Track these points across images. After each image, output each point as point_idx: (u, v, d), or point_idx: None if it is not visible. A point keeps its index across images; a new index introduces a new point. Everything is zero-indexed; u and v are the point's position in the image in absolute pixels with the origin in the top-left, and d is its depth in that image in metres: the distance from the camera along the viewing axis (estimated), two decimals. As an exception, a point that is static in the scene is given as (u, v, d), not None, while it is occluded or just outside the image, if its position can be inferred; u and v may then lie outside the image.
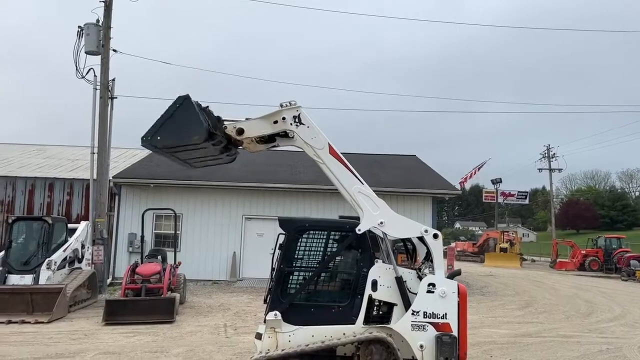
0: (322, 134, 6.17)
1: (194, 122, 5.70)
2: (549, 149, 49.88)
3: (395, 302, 6.08)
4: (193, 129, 5.71)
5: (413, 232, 6.15)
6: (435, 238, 6.10)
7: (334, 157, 6.16)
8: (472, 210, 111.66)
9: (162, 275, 11.79)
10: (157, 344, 8.80)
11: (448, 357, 5.75)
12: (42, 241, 12.56)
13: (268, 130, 6.13)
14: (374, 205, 6.08)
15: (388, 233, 6.11)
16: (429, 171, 22.89)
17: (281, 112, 6.09)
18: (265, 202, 19.12)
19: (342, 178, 6.14)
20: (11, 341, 8.83)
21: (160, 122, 5.78)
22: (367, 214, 6.02)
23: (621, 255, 30.53)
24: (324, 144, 6.15)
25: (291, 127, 6.09)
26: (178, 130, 5.70)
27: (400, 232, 6.18)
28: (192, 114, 5.72)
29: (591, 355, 8.80)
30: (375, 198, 6.12)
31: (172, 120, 5.73)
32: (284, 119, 6.07)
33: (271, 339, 5.93)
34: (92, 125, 16.35)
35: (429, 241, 6.09)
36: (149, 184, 18.62)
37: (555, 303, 15.75)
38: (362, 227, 6.00)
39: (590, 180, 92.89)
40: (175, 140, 5.77)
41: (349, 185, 6.12)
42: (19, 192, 19.41)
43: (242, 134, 6.08)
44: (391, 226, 6.07)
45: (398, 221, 6.16)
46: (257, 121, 6.13)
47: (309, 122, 6.15)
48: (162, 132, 5.72)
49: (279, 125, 6.10)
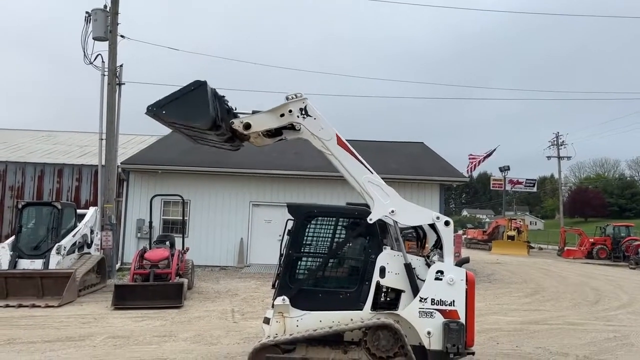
0: (330, 125, 6.14)
1: (201, 108, 5.70)
2: (558, 136, 49.59)
3: (403, 288, 6.10)
4: (198, 114, 5.72)
5: (424, 219, 6.16)
6: (447, 225, 6.11)
7: (342, 147, 6.14)
8: (479, 198, 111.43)
9: (170, 260, 11.87)
10: (166, 328, 8.89)
11: (455, 343, 5.77)
12: (52, 226, 12.66)
13: (275, 124, 6.12)
14: (384, 194, 6.08)
15: (399, 221, 6.12)
16: (437, 158, 22.80)
17: (287, 104, 6.08)
18: (273, 189, 19.14)
19: (351, 168, 6.14)
20: (22, 324, 8.95)
21: (170, 97, 5.80)
22: (378, 203, 6.02)
23: (629, 243, 30.40)
24: (331, 135, 6.13)
25: (298, 119, 6.08)
26: (184, 111, 5.72)
27: (412, 219, 6.19)
28: (202, 101, 5.71)
29: (598, 342, 8.79)
30: (385, 187, 6.12)
31: (182, 100, 5.75)
32: (291, 111, 6.06)
33: (279, 324, 5.98)
34: (100, 112, 16.38)
35: (440, 228, 6.09)
36: (157, 170, 18.68)
37: (563, 291, 15.73)
38: (374, 217, 6.01)
39: (599, 168, 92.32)
40: (178, 119, 5.79)
41: (358, 175, 6.11)
42: (29, 177, 19.54)
43: (249, 129, 6.08)
44: (402, 214, 6.07)
45: (409, 209, 6.16)
46: (264, 115, 6.11)
47: (316, 113, 6.13)
48: (168, 107, 5.75)
49: (285, 118, 6.09)
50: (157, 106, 5.76)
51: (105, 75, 16.28)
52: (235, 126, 6.07)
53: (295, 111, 6.07)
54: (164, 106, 5.77)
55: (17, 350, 7.21)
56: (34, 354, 6.98)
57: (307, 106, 6.11)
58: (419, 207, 6.29)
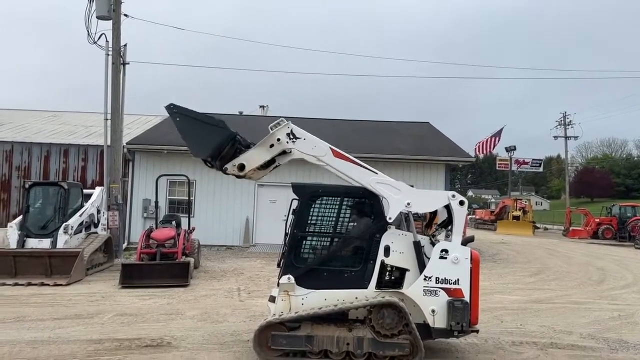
0: (320, 140, 6.16)
1: (205, 144, 5.89)
2: (565, 116, 49.12)
3: (408, 267, 6.13)
4: (197, 146, 5.93)
5: (440, 201, 6.17)
6: (462, 205, 6.13)
7: (339, 158, 6.15)
8: (485, 178, 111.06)
9: (176, 240, 11.95)
10: (172, 306, 8.99)
11: (459, 321, 5.82)
12: (59, 206, 12.74)
13: (267, 156, 6.16)
14: (395, 190, 6.10)
15: (418, 211, 6.17)
16: (443, 138, 22.68)
17: (274, 134, 6.10)
18: (279, 169, 19.02)
19: (355, 175, 6.15)
20: (31, 302, 9.07)
21: (193, 114, 5.97)
22: (392, 200, 6.04)
23: (635, 223, 30.29)
24: (325, 150, 6.15)
25: (288, 145, 6.11)
26: (190, 133, 5.88)
27: (429, 206, 6.22)
28: (212, 141, 5.86)
29: (602, 321, 8.83)
30: (394, 182, 6.14)
31: (199, 125, 5.90)
32: (279, 140, 6.09)
33: (284, 302, 6.04)
34: (105, 92, 16.34)
35: (454, 207, 6.10)
36: (162, 150, 18.69)
37: (567, 270, 15.75)
38: (392, 214, 6.03)
39: (607, 148, 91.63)
40: (181, 133, 5.94)
41: (363, 179, 6.13)
42: (35, 158, 19.63)
43: (244, 169, 6.13)
44: (419, 203, 6.11)
45: (423, 196, 6.20)
46: (254, 151, 6.15)
47: (303, 133, 6.16)
48: (183, 119, 5.91)
49: (276, 147, 6.12)
50: (178, 110, 5.93)
51: (110, 54, 16.20)
52: (229, 171, 6.14)
53: (284, 138, 6.10)
54: (182, 115, 5.92)
55: (27, 327, 7.32)
56: (44, 331, 7.08)
57: (293, 129, 6.14)
58: (431, 191, 6.31)
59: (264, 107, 35.08)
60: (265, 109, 34.87)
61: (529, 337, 7.45)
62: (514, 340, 7.26)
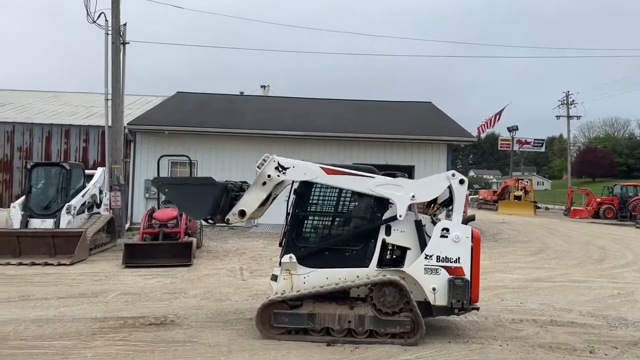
0: (309, 164, 6.19)
1: (200, 205, 5.97)
2: (568, 95, 48.82)
3: (409, 246, 6.17)
4: (194, 209, 6.06)
5: (442, 184, 6.17)
6: (462, 184, 6.13)
7: (333, 174, 6.14)
8: (486, 158, 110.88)
9: (178, 220, 11.99)
10: (175, 285, 9.06)
11: (460, 299, 5.87)
12: (61, 186, 12.77)
13: (263, 195, 6.20)
14: (396, 187, 6.10)
15: (423, 200, 6.20)
16: (445, 118, 22.59)
17: (263, 172, 6.14)
18: (280, 150, 18.96)
19: (353, 185, 6.17)
20: (35, 282, 9.16)
21: (179, 180, 6.22)
22: (396, 198, 6.06)
23: (636, 203, 30.34)
24: (317, 172, 6.14)
25: (280, 177, 6.14)
26: (183, 199, 6.02)
27: (433, 192, 6.22)
28: (206, 200, 5.94)
29: (602, 299, 8.90)
30: (393, 180, 6.15)
31: (188, 189, 6.02)
32: (269, 176, 6.12)
33: (286, 281, 6.09)
34: (105, 72, 16.25)
35: (455, 186, 6.11)
36: (163, 130, 18.67)
37: (568, 250, 15.82)
38: (401, 212, 6.04)
39: (609, 128, 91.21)
40: (175, 203, 6.05)
41: (362, 186, 6.13)
42: (36, 138, 19.64)
43: (245, 215, 6.18)
44: (423, 193, 6.13)
45: (425, 185, 6.21)
46: (250, 194, 6.19)
47: (291, 162, 6.19)
48: (172, 188, 6.06)
49: (268, 184, 6.16)
50: (164, 183, 6.05)
51: (109, 34, 16.08)
52: (232, 222, 6.21)
53: (273, 173, 6.13)
54: (169, 185, 6.06)
55: (32, 305, 7.40)
56: (49, 310, 7.16)
57: (279, 162, 6.17)
58: (431, 177, 6.31)
59: (265, 87, 34.93)
60: (266, 89, 34.74)
61: (529, 315, 7.52)
62: (513, 317, 7.32)
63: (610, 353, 5.88)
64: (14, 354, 5.30)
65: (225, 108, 22.37)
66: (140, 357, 5.26)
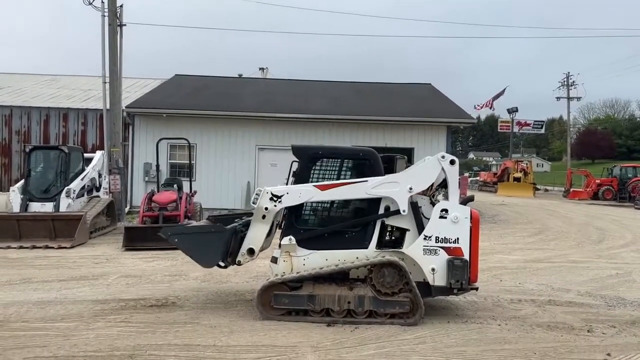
0: (301, 186, 6.18)
1: (211, 252, 6.06)
2: (568, 76, 48.55)
3: (408, 227, 6.19)
4: (205, 257, 6.12)
5: (435, 169, 6.18)
6: (452, 164, 6.14)
7: (327, 189, 6.12)
8: (486, 140, 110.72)
9: (178, 203, 12.01)
10: (176, 268, 9.11)
11: (459, 279, 5.91)
12: (60, 170, 12.77)
13: (266, 227, 6.23)
14: (392, 184, 6.12)
15: (422, 189, 6.18)
16: (444, 99, 22.47)
17: (260, 207, 6.16)
18: (278, 132, 19.05)
19: (350, 194, 6.17)
20: (36, 264, 9.20)
21: (188, 229, 6.21)
22: (395, 195, 6.08)
23: (635, 184, 30.34)
24: (312, 192, 6.13)
25: (277, 207, 6.15)
26: (194, 248, 6.07)
27: (428, 179, 6.21)
28: (216, 247, 6.03)
29: (600, 279, 8.95)
30: (386, 178, 6.15)
31: (197, 237, 6.08)
32: (267, 208, 6.14)
33: (286, 263, 6.12)
34: (102, 54, 16.13)
35: (446, 167, 6.11)
36: (162, 113, 18.56)
37: (567, 231, 15.88)
38: (403, 206, 6.07)
39: (609, 109, 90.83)
40: (186, 252, 6.15)
41: (360, 193, 6.13)
42: (34, 122, 19.54)
43: (254, 253, 6.24)
44: (419, 182, 6.14)
45: (419, 174, 6.21)
46: (254, 230, 6.24)
47: (284, 189, 6.19)
48: (182, 238, 6.10)
49: (268, 216, 6.19)
50: (173, 233, 6.11)
51: (106, 16, 15.92)
52: (242, 262, 6.30)
53: (270, 205, 6.13)
54: (178, 235, 6.10)
55: (33, 288, 7.44)
56: (50, 292, 7.20)
57: (272, 191, 6.15)
58: (422, 164, 6.31)
59: (264, 69, 34.70)
60: (265, 71, 34.51)
61: (528, 295, 7.57)
62: (512, 298, 7.37)
63: (608, 332, 5.94)
64: (17, 335, 5.34)
65: (224, 91, 22.25)
66: (141, 338, 5.30)
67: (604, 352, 5.25)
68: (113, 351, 4.94)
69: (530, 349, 5.28)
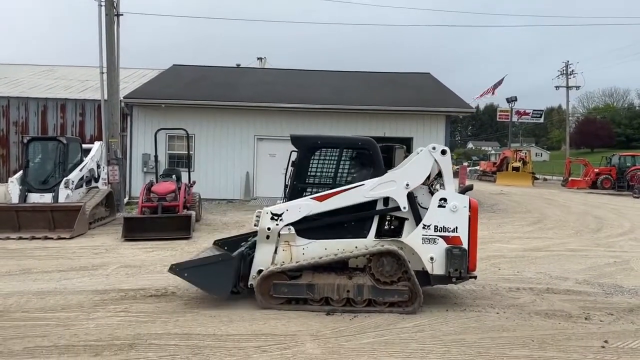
0: (299, 200, 6.18)
1: (222, 281, 6.03)
2: (567, 65, 48.42)
3: (406, 217, 6.19)
4: (217, 286, 6.06)
5: (429, 161, 6.20)
6: (444, 154, 6.15)
7: (325, 199, 6.13)
8: (485, 129, 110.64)
9: (177, 193, 12.00)
10: (176, 258, 9.10)
11: (458, 268, 5.94)
12: (58, 161, 12.73)
13: (272, 247, 6.19)
14: (389, 183, 6.13)
15: (418, 184, 6.17)
16: (443, 89, 22.43)
17: (262, 228, 6.17)
18: (277, 122, 19.03)
19: (348, 200, 6.15)
20: (36, 255, 9.21)
21: (195, 263, 6.13)
22: (392, 193, 6.11)
23: (634, 172, 30.34)
24: (310, 205, 6.14)
25: (279, 227, 6.13)
26: (204, 279, 6.03)
27: (423, 173, 6.21)
28: (225, 275, 6.02)
29: (598, 267, 8.99)
30: (381, 178, 6.15)
31: (206, 268, 6.02)
32: (269, 229, 6.14)
33: (286, 252, 6.14)
34: (99, 44, 16.03)
35: (438, 158, 6.14)
36: (160, 104, 18.53)
37: (565, 220, 15.92)
38: (403, 204, 6.09)
39: (609, 98, 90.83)
40: (197, 285, 6.12)
41: (358, 197, 6.14)
42: (32, 113, 19.50)
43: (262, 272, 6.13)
44: (414, 178, 6.14)
45: (413, 169, 6.20)
46: (260, 253, 6.23)
47: (283, 206, 6.19)
48: (190, 272, 6.03)
49: (272, 236, 6.16)
50: (181, 268, 6.04)
51: (103, 5, 15.81)
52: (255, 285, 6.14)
53: (272, 225, 6.14)
54: (186, 270, 6.04)
55: (33, 279, 7.45)
56: (50, 282, 7.22)
57: (272, 211, 6.16)
58: (414, 159, 6.30)
59: (262, 59, 34.58)
60: (263, 61, 34.39)
61: (526, 284, 7.60)
62: (510, 286, 7.41)
63: (606, 319, 5.97)
64: (17, 325, 5.36)
65: (222, 81, 22.19)
66: (141, 328, 5.33)
67: (601, 339, 5.28)
68: (113, 340, 4.96)
69: (528, 336, 5.32)
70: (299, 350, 4.81)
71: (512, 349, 4.96)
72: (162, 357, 4.60)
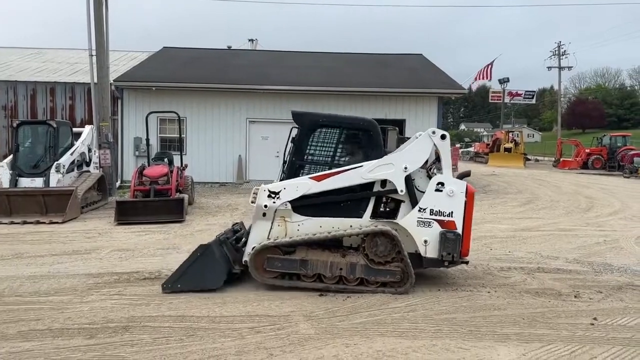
0: (297, 179, 6.18)
1: (212, 271, 6.03)
2: (559, 45, 48.36)
3: (403, 199, 6.22)
4: (211, 278, 6.02)
5: (428, 145, 6.21)
6: (443, 139, 6.16)
7: (323, 179, 6.13)
8: (477, 111, 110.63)
9: (169, 177, 11.97)
10: (169, 241, 9.13)
11: (451, 252, 5.98)
12: (49, 145, 12.62)
13: (268, 225, 6.20)
14: (387, 165, 6.13)
15: (417, 167, 6.19)
16: (436, 70, 22.35)
17: (259, 205, 6.15)
18: (269, 105, 18.91)
19: (347, 181, 6.15)
20: (28, 240, 9.18)
21: (180, 271, 6.05)
22: (390, 175, 6.11)
23: (625, 152, 30.53)
24: (309, 184, 6.12)
25: (276, 204, 6.15)
26: (197, 279, 6.00)
27: (422, 157, 6.23)
28: (212, 264, 6.05)
29: (588, 246, 9.10)
30: (379, 161, 6.15)
31: (192, 269, 6.02)
32: (266, 206, 6.15)
33: (281, 227, 6.17)
34: (88, 26, 15.80)
35: (437, 142, 6.15)
36: (151, 87, 18.35)
37: (556, 200, 16.04)
38: (400, 187, 6.11)
39: (600, 79, 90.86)
40: (194, 288, 6.01)
41: (356, 178, 6.14)
42: (21, 96, 19.25)
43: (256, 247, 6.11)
44: (413, 161, 6.15)
45: (413, 153, 6.21)
46: (255, 232, 6.23)
47: (281, 184, 6.20)
48: (181, 280, 6.01)
49: (268, 214, 6.17)
50: (171, 282, 6.02)
51: (90, -15, 15.52)
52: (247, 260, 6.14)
53: (269, 202, 6.13)
54: (177, 281, 6.01)
55: (26, 263, 7.44)
56: (43, 267, 7.21)
57: (269, 188, 6.14)
58: (414, 142, 6.29)
59: (253, 40, 34.28)
60: (254, 42, 34.09)
61: (517, 263, 7.68)
62: (502, 266, 7.49)
63: (595, 297, 6.06)
64: (11, 309, 5.37)
65: (214, 63, 21.99)
66: (135, 310, 5.35)
67: (590, 316, 5.37)
68: (107, 323, 4.98)
69: (518, 314, 5.39)
70: (292, 331, 4.85)
71: (502, 327, 5.03)
72: (156, 339, 4.62)
